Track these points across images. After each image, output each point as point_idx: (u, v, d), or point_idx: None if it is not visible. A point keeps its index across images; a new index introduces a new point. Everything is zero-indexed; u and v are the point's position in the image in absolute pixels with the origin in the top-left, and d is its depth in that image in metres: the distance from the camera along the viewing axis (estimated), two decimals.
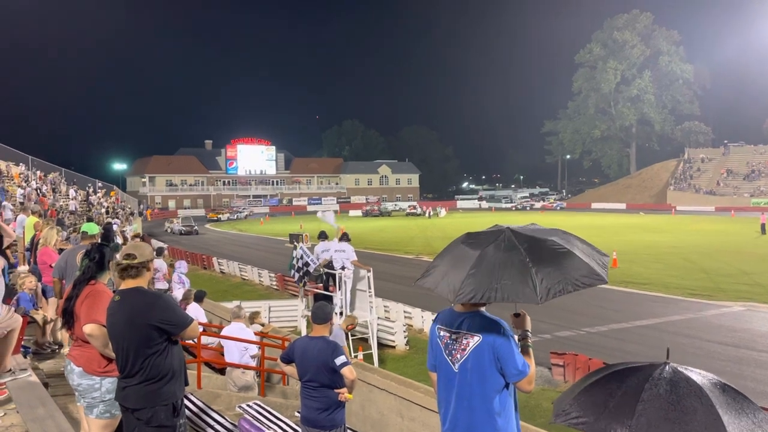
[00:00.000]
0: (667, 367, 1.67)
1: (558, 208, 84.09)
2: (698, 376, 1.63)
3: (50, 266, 7.43)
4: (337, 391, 4.43)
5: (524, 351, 2.89)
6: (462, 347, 2.84)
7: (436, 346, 2.99)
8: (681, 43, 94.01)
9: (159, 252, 13.58)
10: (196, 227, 55.38)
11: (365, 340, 13.37)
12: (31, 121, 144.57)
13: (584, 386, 1.75)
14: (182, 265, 13.15)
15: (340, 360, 4.34)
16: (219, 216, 74.86)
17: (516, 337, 2.92)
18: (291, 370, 4.62)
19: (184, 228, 54.94)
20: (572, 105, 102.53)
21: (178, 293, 11.16)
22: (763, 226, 38.73)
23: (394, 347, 14.71)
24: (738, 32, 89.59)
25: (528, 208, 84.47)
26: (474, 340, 2.80)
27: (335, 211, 27.75)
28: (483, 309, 2.91)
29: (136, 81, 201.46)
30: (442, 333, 2.96)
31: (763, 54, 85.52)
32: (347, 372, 4.36)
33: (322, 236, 13.50)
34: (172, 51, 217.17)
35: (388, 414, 7.86)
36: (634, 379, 1.64)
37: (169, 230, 56.80)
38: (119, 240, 15.23)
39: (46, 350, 7.12)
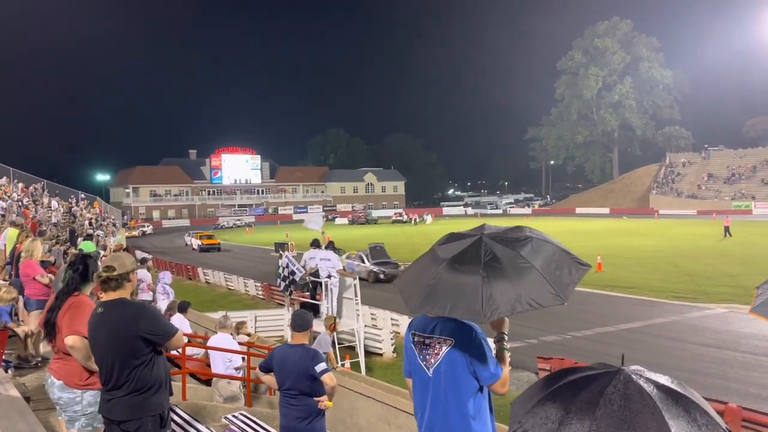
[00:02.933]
0: (621, 376, 1.59)
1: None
2: (651, 386, 1.56)
3: (33, 279, 7.35)
4: (317, 399, 4.37)
5: (499, 353, 2.90)
6: (435, 352, 2.85)
7: (411, 352, 2.99)
8: (660, 50, 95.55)
9: (143, 262, 13.45)
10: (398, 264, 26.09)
11: (352, 348, 13.35)
12: (12, 133, 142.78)
13: (540, 397, 1.65)
14: (166, 276, 13.04)
15: (320, 367, 4.31)
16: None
17: (491, 340, 2.93)
18: (270, 379, 4.56)
19: (378, 268, 25.23)
20: (555, 111, 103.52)
21: (162, 304, 11.05)
22: (726, 228, 38.72)
23: (381, 355, 14.68)
24: (716, 38, 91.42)
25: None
26: (447, 345, 2.82)
27: (324, 217, 26.88)
28: None
29: (118, 91, 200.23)
30: (416, 338, 2.97)
31: (740, 59, 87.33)
32: (328, 379, 4.32)
33: (315, 244, 13.46)
34: (154, 61, 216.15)
35: (375, 422, 7.85)
36: (588, 393, 1.56)
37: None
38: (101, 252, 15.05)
39: (29, 363, 7.02)
